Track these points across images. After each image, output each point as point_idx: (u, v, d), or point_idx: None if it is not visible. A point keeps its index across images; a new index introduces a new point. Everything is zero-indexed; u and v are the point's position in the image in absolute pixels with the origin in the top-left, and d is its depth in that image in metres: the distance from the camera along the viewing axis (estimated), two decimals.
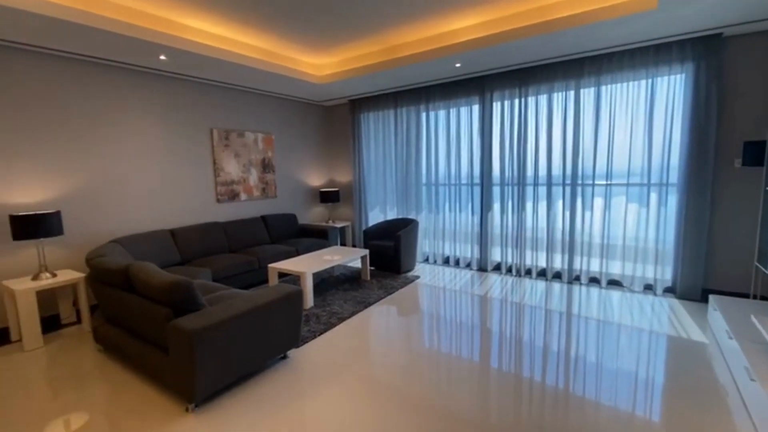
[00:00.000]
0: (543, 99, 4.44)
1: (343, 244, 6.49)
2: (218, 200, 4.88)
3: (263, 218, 5.28)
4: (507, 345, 2.96)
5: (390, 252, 4.89)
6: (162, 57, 3.65)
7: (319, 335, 3.17)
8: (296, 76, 4.63)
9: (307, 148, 6.23)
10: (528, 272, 4.77)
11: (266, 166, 5.50)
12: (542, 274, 4.70)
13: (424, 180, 5.53)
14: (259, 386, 2.44)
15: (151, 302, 2.32)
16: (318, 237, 5.47)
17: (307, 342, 3.05)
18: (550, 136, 4.41)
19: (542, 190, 4.56)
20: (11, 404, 2.32)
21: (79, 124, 3.61)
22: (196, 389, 2.10)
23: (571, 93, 4.24)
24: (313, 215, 6.45)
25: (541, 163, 4.52)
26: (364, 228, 6.10)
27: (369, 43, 4.20)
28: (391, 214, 5.91)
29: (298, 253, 4.89)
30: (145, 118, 4.10)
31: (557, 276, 4.60)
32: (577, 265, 4.43)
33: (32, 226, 3.08)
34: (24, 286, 3.01)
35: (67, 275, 3.32)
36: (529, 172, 4.62)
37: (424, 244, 5.61)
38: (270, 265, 3.90)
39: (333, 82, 4.92)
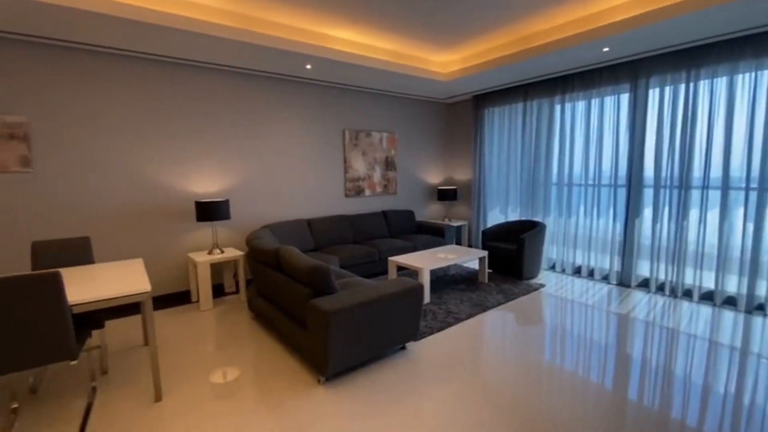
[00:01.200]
0: (721, 83, 3.60)
1: (458, 243, 6.39)
2: (346, 195, 5.30)
3: (384, 213, 5.54)
4: (652, 377, 2.49)
5: (511, 255, 4.61)
6: (308, 66, 4.11)
7: (436, 332, 3.18)
8: (423, 75, 4.71)
9: (427, 146, 6.30)
10: (687, 293, 3.95)
11: (389, 164, 5.75)
12: (708, 297, 3.83)
13: (554, 179, 5.04)
14: (380, 373, 2.56)
15: (295, 282, 2.65)
16: (434, 234, 5.49)
17: (424, 337, 3.09)
18: (729, 128, 3.55)
19: (714, 195, 3.71)
20: (190, 349, 2.93)
21: (241, 132, 4.33)
22: (328, 364, 2.31)
23: (765, 73, 3.33)
24: (430, 212, 6.50)
25: (715, 161, 3.68)
26: (482, 228, 5.89)
27: (498, 36, 4.01)
28: (513, 216, 5.57)
29: (415, 249, 5.00)
30: (289, 122, 4.70)
31: (730, 302, 3.70)
32: (762, 291, 3.49)
33: (209, 212, 3.82)
34: (202, 259, 3.76)
35: (231, 252, 4.02)
36: (696, 173, 3.81)
37: (550, 250, 5.14)
38: (390, 258, 4.07)
39: (458, 79, 4.85)
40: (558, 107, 4.89)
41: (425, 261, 3.95)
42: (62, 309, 1.88)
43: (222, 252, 3.98)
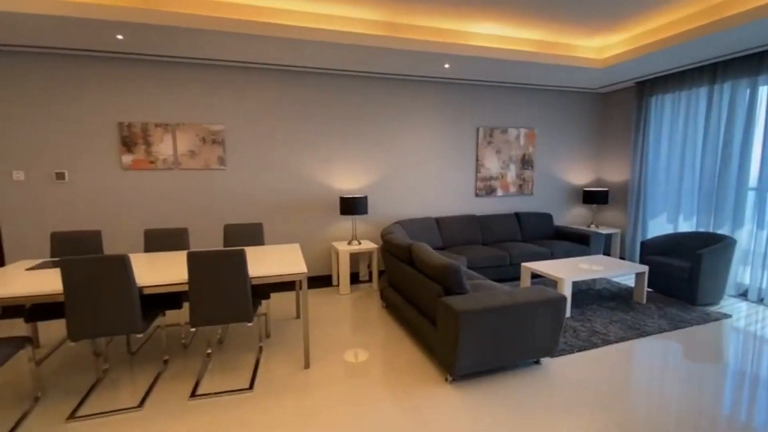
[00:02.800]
0: None
1: (606, 253, 5.57)
2: (477, 194, 5.16)
3: (517, 215, 5.20)
4: None
5: (682, 274, 3.79)
6: (446, 65, 4.13)
7: (577, 351, 2.84)
8: (572, 64, 4.23)
9: (571, 143, 5.65)
10: None
11: (525, 162, 5.37)
12: None
13: (752, 183, 3.94)
14: (510, 383, 2.43)
15: (426, 278, 2.71)
16: (576, 242, 4.90)
17: (563, 354, 2.79)
18: None
19: None
20: (330, 326, 3.28)
21: (379, 133, 4.62)
22: (457, 364, 2.30)
23: None
24: (572, 217, 5.83)
25: None
26: (641, 239, 5.01)
27: (674, 8, 3.30)
28: (686, 226, 4.56)
29: (552, 256, 4.56)
30: (422, 122, 4.81)
31: None
32: None
33: (350, 206, 4.20)
34: (343, 248, 4.17)
35: (367, 244, 4.35)
36: None
37: (741, 273, 4.04)
38: (524, 264, 3.81)
39: (618, 64, 4.19)
40: (764, 89, 3.78)
41: (566, 270, 3.56)
42: (245, 279, 2.33)
43: (359, 243, 4.34)
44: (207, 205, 4.09)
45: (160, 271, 2.52)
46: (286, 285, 4.46)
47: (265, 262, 2.76)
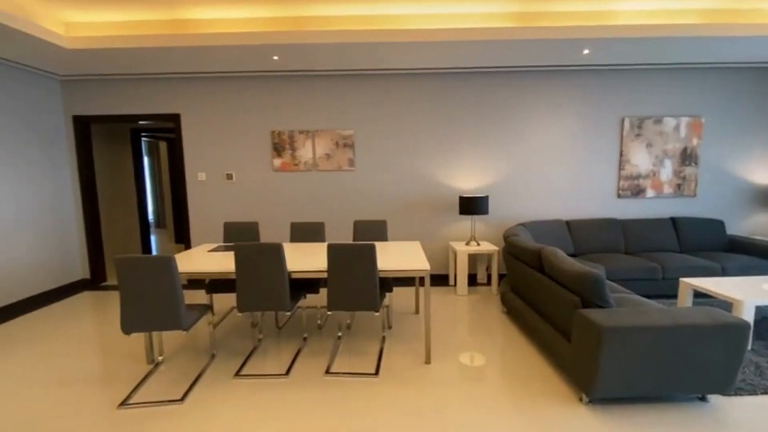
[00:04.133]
0: None
1: None
2: (619, 195, 4.51)
3: (673, 220, 4.38)
4: None
5: None
6: (585, 51, 3.71)
7: (761, 393, 2.26)
8: (758, 33, 3.35)
9: (755, 132, 4.48)
10: None
11: (686, 157, 4.47)
12: None
13: None
14: (666, 418, 2.06)
15: (559, 286, 2.49)
16: (760, 256, 3.88)
17: (741, 395, 2.25)
18: None
19: None
20: (446, 325, 3.27)
21: (502, 130, 4.40)
22: (595, 385, 2.05)
23: None
24: (753, 226, 4.63)
25: None
26: None
27: None
28: None
29: (723, 273, 3.71)
30: (552, 116, 4.40)
31: None
32: None
33: (470, 206, 4.12)
34: (461, 249, 4.11)
35: (486, 246, 4.21)
36: None
37: None
38: (684, 280, 3.18)
39: None
40: None
41: (746, 291, 2.85)
42: (374, 272, 2.50)
43: (478, 244, 4.23)
44: (339, 202, 4.51)
45: (303, 259, 2.87)
46: (405, 280, 4.62)
47: (389, 256, 2.90)
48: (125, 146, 5.82)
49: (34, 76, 4.08)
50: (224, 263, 2.79)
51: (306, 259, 2.88)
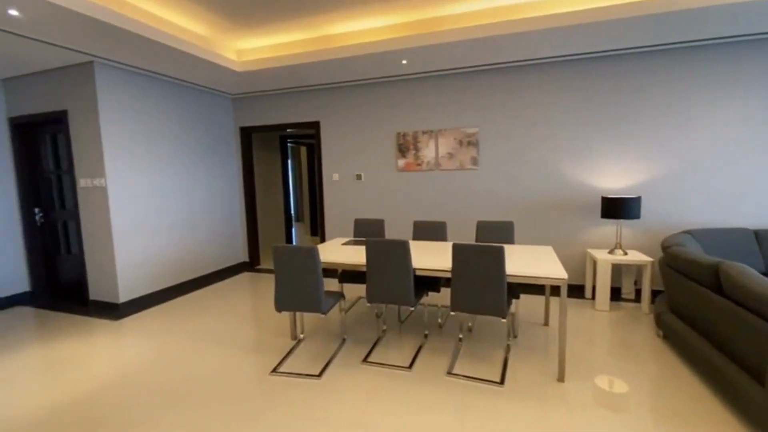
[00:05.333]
0: None
1: None
2: None
3: None
4: None
5: None
6: None
7: None
8: None
9: None
10: None
11: None
12: None
13: None
14: None
15: (748, 313, 1.97)
16: None
17: None
18: None
19: None
20: (580, 342, 2.89)
21: (663, 121, 3.68)
22: None
23: None
24: None
25: None
26: None
27: None
28: None
29: None
30: (736, 101, 3.49)
31: None
32: None
33: (615, 208, 3.58)
34: (603, 257, 3.61)
35: (635, 256, 3.61)
36: None
37: None
38: None
39: None
40: None
41: None
42: (502, 275, 2.37)
43: (625, 254, 3.65)
44: (461, 201, 4.44)
45: (426, 257, 2.91)
46: (533, 288, 4.29)
47: (517, 261, 2.72)
48: (276, 152, 6.81)
49: (213, 96, 5.09)
50: (355, 256, 3.01)
51: (429, 257, 2.91)
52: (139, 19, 3.04)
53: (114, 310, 3.86)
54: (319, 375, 2.56)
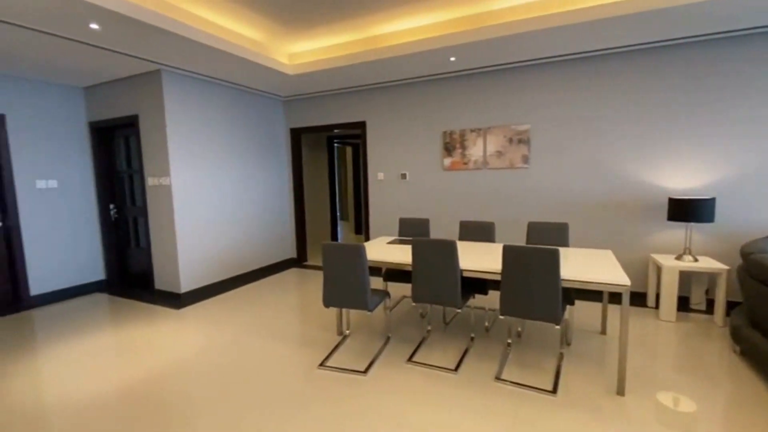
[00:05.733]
0: None
1: None
2: None
3: None
4: None
5: None
6: None
7: None
8: None
9: None
10: None
11: None
12: None
13: None
14: None
15: None
16: None
17: None
18: None
19: None
20: (641, 355, 2.67)
21: (744, 114, 3.30)
22: None
23: None
24: None
25: None
26: None
27: None
28: None
29: None
30: None
31: None
32: None
33: (685, 210, 3.27)
34: (669, 263, 3.32)
35: (707, 263, 3.28)
36: None
37: None
38: None
39: None
40: None
41: None
42: (556, 280, 2.26)
43: (695, 260, 3.33)
44: (510, 201, 4.28)
45: (473, 258, 2.83)
46: (588, 294, 4.04)
47: (572, 265, 2.57)
48: (323, 152, 6.98)
49: (266, 99, 5.31)
50: (400, 255, 3.01)
51: (476, 258, 2.83)
52: (201, 28, 3.24)
53: (176, 300, 4.16)
54: (365, 372, 2.59)
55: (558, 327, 2.52)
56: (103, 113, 4.43)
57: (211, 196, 4.47)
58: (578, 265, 2.57)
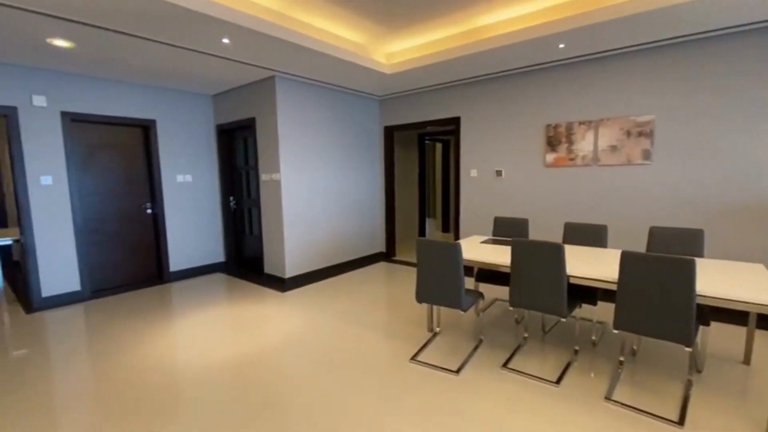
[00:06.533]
0: None
1: None
2: None
3: None
4: None
5: None
6: None
7: None
8: None
9: None
10: None
11: None
12: None
13: None
14: None
15: None
16: None
17: None
18: None
19: None
20: None
21: None
22: None
23: None
24: None
25: None
26: None
27: None
28: None
29: None
30: None
31: None
32: None
33: None
34: None
35: None
36: None
37: None
38: None
39: None
40: None
41: None
42: (690, 294, 1.94)
43: None
44: (626, 203, 3.80)
45: (582, 264, 2.58)
46: (729, 314, 3.41)
47: (710, 279, 2.18)
48: (413, 149, 7.04)
49: (363, 99, 5.53)
50: (496, 255, 2.88)
51: (585, 264, 2.58)
52: (310, 34, 3.50)
53: (281, 284, 4.59)
54: (457, 371, 2.55)
55: (689, 349, 2.17)
56: (227, 117, 5.07)
57: (312, 191, 4.82)
58: (717, 279, 2.17)
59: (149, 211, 4.82)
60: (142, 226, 4.79)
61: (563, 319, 3.39)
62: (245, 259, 5.38)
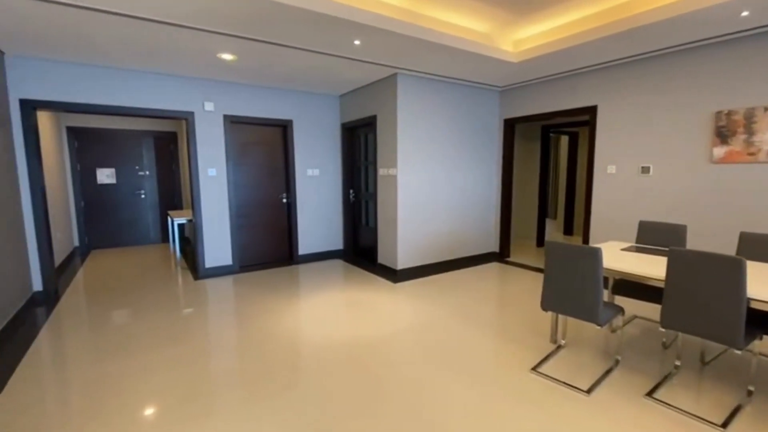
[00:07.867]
0: None
1: None
2: None
3: None
4: None
5: None
6: None
7: None
8: None
9: None
10: None
11: None
12: None
13: None
14: None
15: None
16: None
17: None
18: None
19: None
20: None
21: None
22: None
23: None
24: None
25: None
26: None
27: None
28: None
29: None
30: None
31: None
32: None
33: None
34: None
35: None
36: None
37: None
38: None
39: None
40: None
41: None
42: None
43: None
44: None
45: (763, 285, 2.04)
46: None
47: None
48: (535, 143, 6.52)
49: (483, 91, 5.32)
50: (643, 266, 2.47)
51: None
52: (434, 27, 3.49)
53: (393, 274, 4.76)
54: (588, 391, 2.28)
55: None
56: (351, 115, 5.43)
57: (427, 186, 4.85)
58: None
59: (285, 200, 5.48)
60: (279, 214, 5.47)
61: (738, 351, 2.75)
62: (361, 249, 5.72)
